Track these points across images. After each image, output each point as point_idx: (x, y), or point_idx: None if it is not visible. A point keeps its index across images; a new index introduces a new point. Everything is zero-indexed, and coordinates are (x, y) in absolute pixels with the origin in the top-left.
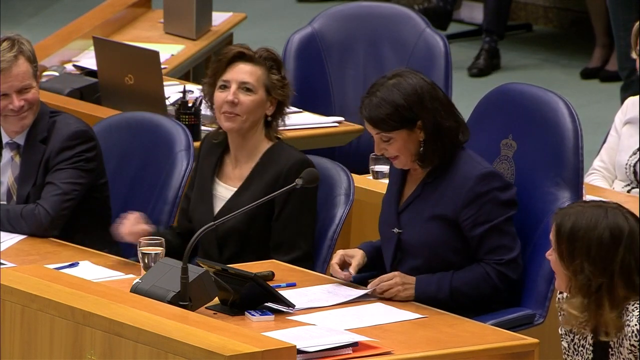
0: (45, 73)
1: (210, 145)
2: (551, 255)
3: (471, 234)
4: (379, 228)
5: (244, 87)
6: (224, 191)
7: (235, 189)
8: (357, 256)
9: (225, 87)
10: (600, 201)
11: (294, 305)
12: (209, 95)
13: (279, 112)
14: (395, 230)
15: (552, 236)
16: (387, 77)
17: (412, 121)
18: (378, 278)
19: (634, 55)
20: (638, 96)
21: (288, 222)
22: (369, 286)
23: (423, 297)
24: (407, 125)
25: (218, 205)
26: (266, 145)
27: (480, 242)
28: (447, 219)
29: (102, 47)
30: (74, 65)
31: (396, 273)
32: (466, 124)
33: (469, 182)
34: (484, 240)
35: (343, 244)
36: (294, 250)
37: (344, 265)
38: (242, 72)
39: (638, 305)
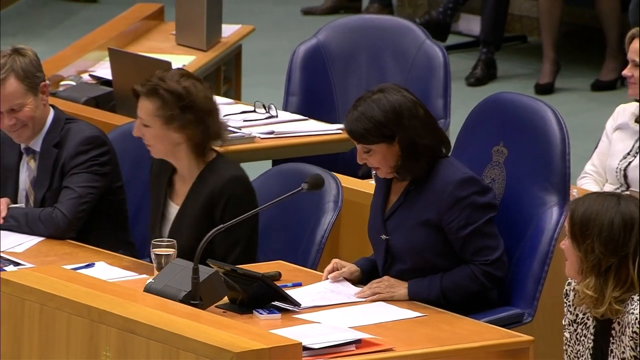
0: (62, 82)
1: (161, 166)
2: (564, 243)
3: (454, 237)
4: (368, 233)
5: (142, 123)
6: (172, 210)
7: (179, 207)
8: (346, 267)
9: None
10: (611, 192)
11: (300, 304)
12: None
13: (199, 144)
14: (383, 236)
15: (566, 222)
16: (372, 91)
17: (390, 136)
18: (368, 284)
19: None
20: (628, 103)
21: (224, 234)
22: (360, 293)
23: (416, 299)
24: (385, 139)
25: (167, 226)
26: (200, 166)
27: (464, 245)
28: (431, 223)
29: (117, 57)
30: (90, 75)
31: (385, 277)
32: (447, 139)
33: (449, 187)
34: (467, 243)
35: (332, 246)
36: (225, 260)
37: (335, 271)
38: (140, 108)
39: None
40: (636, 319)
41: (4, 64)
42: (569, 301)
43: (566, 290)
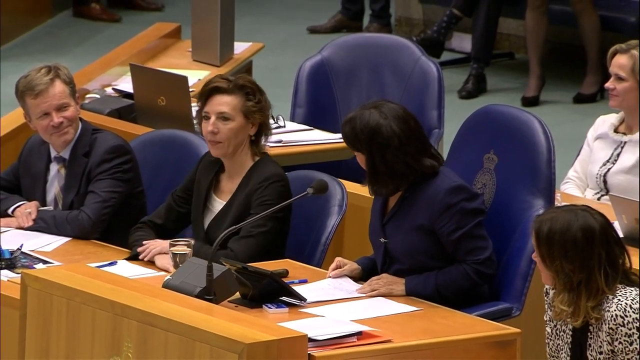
0: (87, 95)
1: (207, 164)
2: (536, 257)
3: (446, 240)
4: (369, 236)
5: (222, 117)
6: (217, 205)
7: (225, 202)
8: (348, 265)
9: (207, 118)
10: (571, 205)
11: (306, 299)
12: (199, 124)
13: (261, 132)
14: (382, 239)
15: (533, 241)
16: (371, 104)
17: (359, 150)
18: (368, 281)
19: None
20: (607, 115)
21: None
22: (361, 289)
23: (412, 294)
24: (356, 149)
25: (209, 218)
26: (251, 161)
27: (456, 247)
28: (425, 228)
29: (138, 72)
30: (113, 89)
31: (384, 275)
32: (431, 167)
33: (439, 195)
34: (459, 245)
35: (337, 246)
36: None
37: (337, 268)
38: (219, 103)
39: (617, 294)
40: (612, 316)
41: (49, 71)
42: (549, 299)
43: (546, 289)
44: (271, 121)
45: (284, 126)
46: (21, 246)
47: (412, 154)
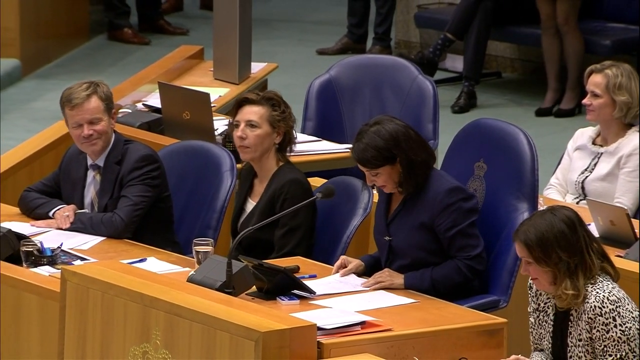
0: (121, 110)
1: (247, 169)
2: (527, 269)
3: (443, 237)
4: (373, 236)
5: (250, 124)
6: (249, 205)
7: (255, 204)
8: (353, 263)
9: (237, 125)
10: (540, 210)
11: (315, 292)
12: (231, 134)
13: (287, 140)
14: (386, 238)
15: (522, 253)
16: (369, 124)
17: (392, 159)
18: (372, 276)
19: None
20: (585, 128)
21: (281, 228)
22: (365, 283)
23: (411, 289)
24: (388, 162)
25: (243, 217)
26: (276, 167)
27: (451, 243)
28: (426, 225)
29: (165, 90)
30: (143, 104)
31: (386, 269)
32: (432, 151)
33: (439, 196)
34: (453, 241)
35: (364, 242)
36: (281, 249)
37: (343, 266)
38: (248, 112)
39: (595, 287)
40: (591, 307)
41: (89, 86)
42: (532, 292)
43: (530, 283)
44: None
45: (296, 137)
46: (61, 245)
47: (423, 139)
